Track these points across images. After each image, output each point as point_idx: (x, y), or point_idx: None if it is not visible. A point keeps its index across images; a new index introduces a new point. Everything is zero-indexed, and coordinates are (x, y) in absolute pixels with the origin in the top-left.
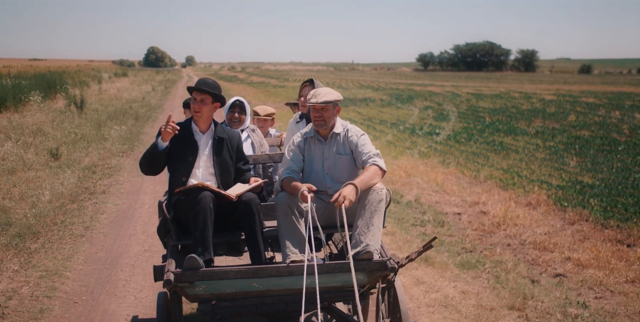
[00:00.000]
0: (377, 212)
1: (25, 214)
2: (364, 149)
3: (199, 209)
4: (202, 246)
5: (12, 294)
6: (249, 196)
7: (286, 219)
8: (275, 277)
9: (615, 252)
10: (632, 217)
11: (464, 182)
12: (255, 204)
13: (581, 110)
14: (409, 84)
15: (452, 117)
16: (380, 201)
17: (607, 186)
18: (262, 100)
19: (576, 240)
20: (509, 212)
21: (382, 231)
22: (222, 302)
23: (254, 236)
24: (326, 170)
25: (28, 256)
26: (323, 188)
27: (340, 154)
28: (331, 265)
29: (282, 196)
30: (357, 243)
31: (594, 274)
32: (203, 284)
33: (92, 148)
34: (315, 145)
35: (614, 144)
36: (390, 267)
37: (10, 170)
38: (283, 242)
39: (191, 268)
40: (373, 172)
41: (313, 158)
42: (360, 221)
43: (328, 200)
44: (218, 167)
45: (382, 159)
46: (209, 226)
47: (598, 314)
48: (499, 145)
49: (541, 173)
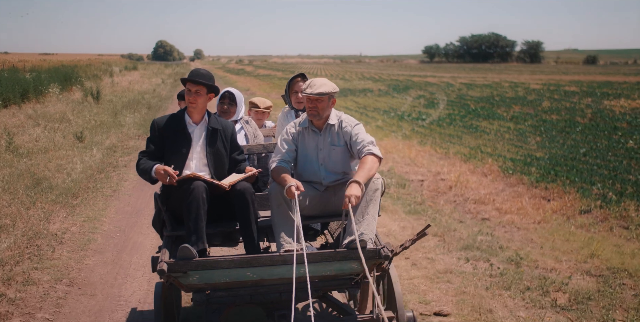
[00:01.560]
0: (372, 201)
1: (64, 180)
2: (359, 138)
3: (191, 199)
4: (196, 236)
5: (65, 231)
6: (243, 186)
7: (279, 209)
8: (268, 266)
9: (535, 204)
10: (557, 180)
11: (434, 157)
12: (250, 194)
13: (557, 97)
14: (410, 75)
15: (440, 105)
16: (375, 190)
17: (550, 158)
18: (266, 91)
19: (509, 197)
20: (462, 178)
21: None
22: (217, 292)
23: (248, 226)
24: (320, 161)
25: (72, 209)
26: (317, 179)
27: (335, 145)
28: (324, 254)
29: (275, 186)
30: (352, 232)
31: (510, 218)
32: (197, 274)
33: (111, 132)
34: (310, 136)
35: (574, 126)
36: (384, 255)
37: (43, 149)
38: (277, 232)
39: (184, 258)
40: (371, 162)
41: (307, 149)
42: (356, 210)
43: (322, 189)
44: (212, 158)
45: (377, 147)
46: (201, 215)
47: (498, 240)
48: (474, 128)
49: (502, 149)
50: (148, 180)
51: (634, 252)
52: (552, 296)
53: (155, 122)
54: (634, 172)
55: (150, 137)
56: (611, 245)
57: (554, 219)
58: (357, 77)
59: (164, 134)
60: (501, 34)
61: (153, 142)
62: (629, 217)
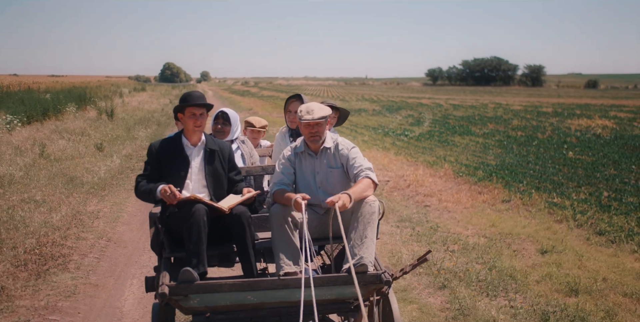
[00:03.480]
0: (370, 224)
1: (92, 178)
2: (356, 163)
3: (192, 222)
4: (197, 259)
5: (99, 211)
6: (240, 209)
7: (280, 230)
8: (270, 290)
9: (470, 196)
10: (493, 180)
11: (404, 165)
12: (246, 217)
13: (529, 117)
14: (408, 97)
15: (425, 123)
16: (372, 213)
17: (499, 165)
18: (268, 110)
19: (452, 192)
20: (419, 179)
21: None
22: (216, 315)
23: (245, 248)
24: (318, 184)
25: (101, 197)
26: (316, 202)
27: (332, 168)
28: (326, 278)
29: (276, 207)
30: (352, 255)
31: (447, 205)
32: (197, 297)
33: (127, 144)
34: (306, 160)
35: (532, 141)
36: (385, 281)
37: (70, 157)
38: (277, 254)
39: (186, 281)
40: (366, 185)
41: (304, 173)
42: (354, 234)
43: (322, 212)
44: (210, 179)
45: (374, 173)
46: (202, 238)
47: (428, 217)
48: (447, 142)
49: (462, 159)
50: (151, 200)
51: (524, 225)
52: (448, 245)
53: (153, 146)
54: (559, 174)
55: (148, 160)
56: (511, 221)
57: (479, 206)
58: (356, 98)
59: (162, 157)
60: (503, 58)
61: (151, 165)
62: (535, 205)
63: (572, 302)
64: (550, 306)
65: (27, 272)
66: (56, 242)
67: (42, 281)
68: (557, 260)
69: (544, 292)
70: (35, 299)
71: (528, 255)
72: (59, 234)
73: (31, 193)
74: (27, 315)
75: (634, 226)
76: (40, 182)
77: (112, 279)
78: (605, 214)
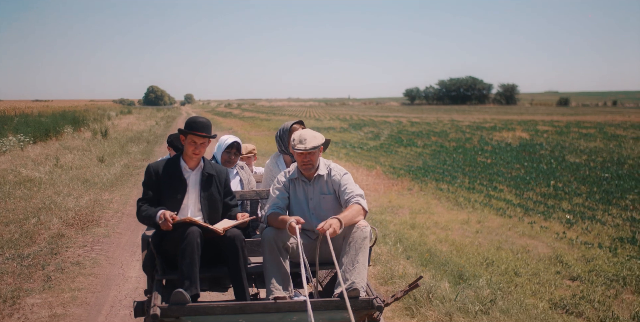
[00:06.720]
0: (361, 249)
1: (101, 180)
2: (347, 189)
3: (186, 244)
4: (189, 281)
5: (112, 199)
6: (234, 233)
7: (271, 254)
8: (262, 313)
9: (385, 186)
10: (407, 175)
11: (347, 168)
12: (240, 241)
13: (468, 131)
14: (378, 115)
15: (382, 138)
16: (364, 238)
17: (420, 166)
18: (247, 130)
19: (374, 184)
20: (356, 177)
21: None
22: None
23: (237, 272)
24: (312, 210)
25: (111, 191)
26: (309, 227)
27: (325, 194)
28: (319, 302)
29: (268, 232)
30: (343, 280)
31: (369, 192)
32: (189, 320)
33: (123, 157)
34: (300, 186)
35: (457, 149)
36: (377, 306)
37: (79, 166)
38: (268, 278)
39: (178, 303)
40: (356, 211)
41: (298, 198)
42: (346, 258)
43: (314, 237)
44: (206, 204)
45: (365, 200)
46: (196, 261)
47: None
48: (391, 151)
49: (394, 163)
50: (152, 225)
51: (412, 201)
52: None
53: (151, 167)
54: (460, 171)
55: (146, 182)
56: (405, 199)
57: (390, 192)
58: (329, 117)
59: (160, 179)
60: (478, 78)
61: (150, 188)
62: (429, 190)
63: (414, 232)
64: (400, 234)
65: (75, 228)
66: (88, 214)
67: (87, 232)
68: (417, 216)
69: (398, 229)
70: (86, 239)
71: (402, 215)
72: (87, 211)
73: (59, 189)
74: (83, 245)
75: (478, 198)
76: (63, 183)
77: (129, 231)
78: (466, 192)
